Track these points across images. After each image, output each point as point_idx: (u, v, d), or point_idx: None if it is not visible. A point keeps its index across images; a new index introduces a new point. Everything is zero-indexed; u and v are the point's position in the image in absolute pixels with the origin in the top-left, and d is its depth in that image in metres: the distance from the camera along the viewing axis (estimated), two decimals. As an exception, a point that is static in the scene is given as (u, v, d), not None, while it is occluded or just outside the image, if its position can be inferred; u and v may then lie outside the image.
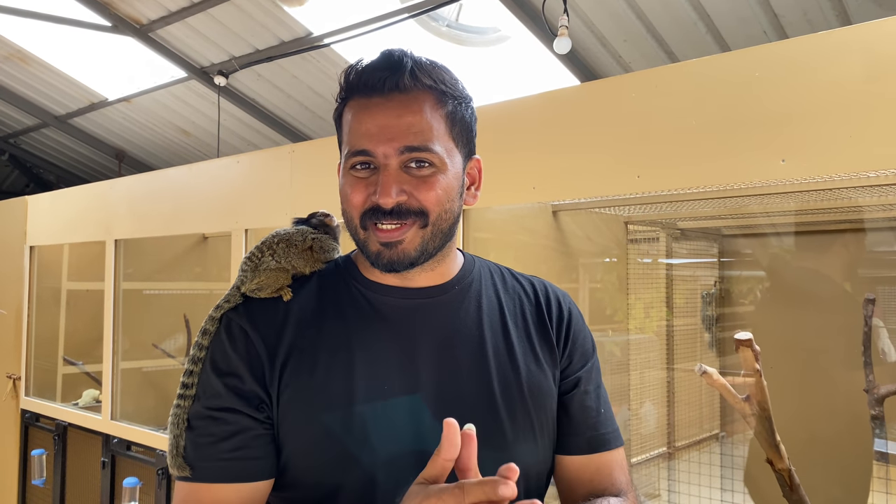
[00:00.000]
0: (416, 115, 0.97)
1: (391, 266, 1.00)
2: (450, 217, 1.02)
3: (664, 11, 3.60)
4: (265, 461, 0.97)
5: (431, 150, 0.97)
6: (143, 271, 3.81)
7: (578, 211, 2.39)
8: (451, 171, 1.01)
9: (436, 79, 1.00)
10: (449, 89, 1.01)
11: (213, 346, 1.04)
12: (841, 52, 1.49)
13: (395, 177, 0.96)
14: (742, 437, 2.92)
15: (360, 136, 0.98)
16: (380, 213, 0.97)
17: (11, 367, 4.08)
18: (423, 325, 1.04)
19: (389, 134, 0.96)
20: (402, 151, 0.96)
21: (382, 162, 0.97)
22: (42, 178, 7.94)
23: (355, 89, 1.01)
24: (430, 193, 0.98)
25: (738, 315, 3.09)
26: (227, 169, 3.03)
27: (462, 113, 1.03)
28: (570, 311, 1.16)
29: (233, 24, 4.46)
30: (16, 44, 5.24)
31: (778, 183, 1.57)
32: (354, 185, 0.99)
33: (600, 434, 1.10)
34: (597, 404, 1.12)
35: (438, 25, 4.19)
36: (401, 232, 0.98)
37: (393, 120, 0.97)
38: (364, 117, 0.99)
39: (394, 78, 0.97)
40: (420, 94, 0.99)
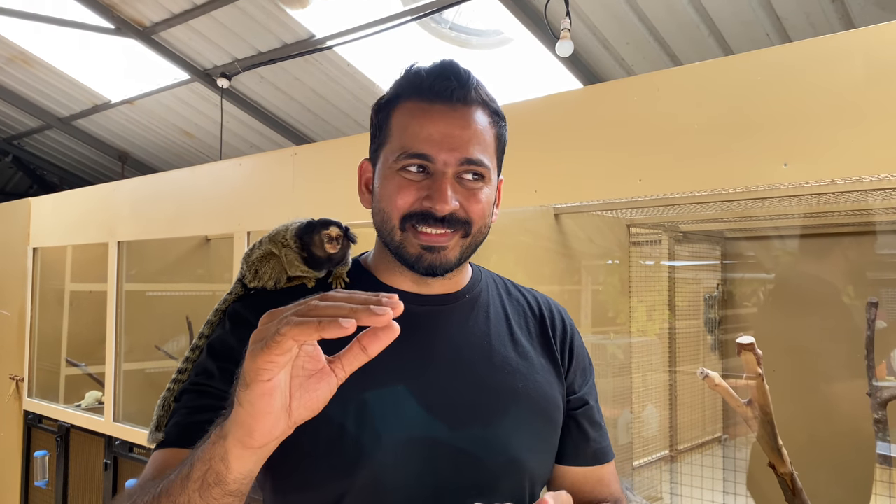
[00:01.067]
0: (478, 129, 1.01)
1: (431, 270, 1.01)
2: (486, 231, 1.06)
3: (667, 14, 3.60)
4: None
5: (486, 165, 1.01)
6: (146, 273, 3.81)
7: (580, 213, 2.39)
8: (493, 186, 1.05)
9: (490, 97, 1.04)
10: (499, 110, 1.06)
11: (215, 332, 1.06)
12: (844, 56, 1.49)
13: (452, 185, 0.99)
14: (744, 441, 2.92)
15: (421, 140, 0.99)
16: (430, 219, 0.98)
17: (14, 368, 4.08)
18: (436, 331, 1.05)
19: (453, 143, 0.98)
20: (462, 162, 0.99)
21: (441, 169, 0.99)
22: (45, 180, 7.95)
23: (416, 91, 1.02)
24: (478, 206, 1.01)
25: (741, 318, 3.09)
26: (229, 171, 3.03)
27: (504, 135, 1.08)
28: (572, 328, 1.19)
29: (235, 26, 4.46)
30: (20, 46, 5.26)
31: (780, 186, 1.57)
32: (404, 187, 1.00)
33: (603, 447, 1.16)
34: (600, 419, 1.17)
35: (441, 28, 4.19)
36: (447, 238, 1.00)
37: (457, 130, 0.99)
38: (425, 122, 1.00)
39: (462, 90, 1.00)
40: (481, 110, 1.02)
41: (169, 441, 0.97)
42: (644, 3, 3.55)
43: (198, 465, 0.77)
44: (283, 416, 0.72)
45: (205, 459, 0.77)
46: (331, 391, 0.74)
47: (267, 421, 0.71)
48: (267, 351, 0.67)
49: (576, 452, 1.13)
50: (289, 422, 0.73)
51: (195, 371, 1.03)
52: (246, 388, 0.70)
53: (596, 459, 1.14)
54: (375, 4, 4.01)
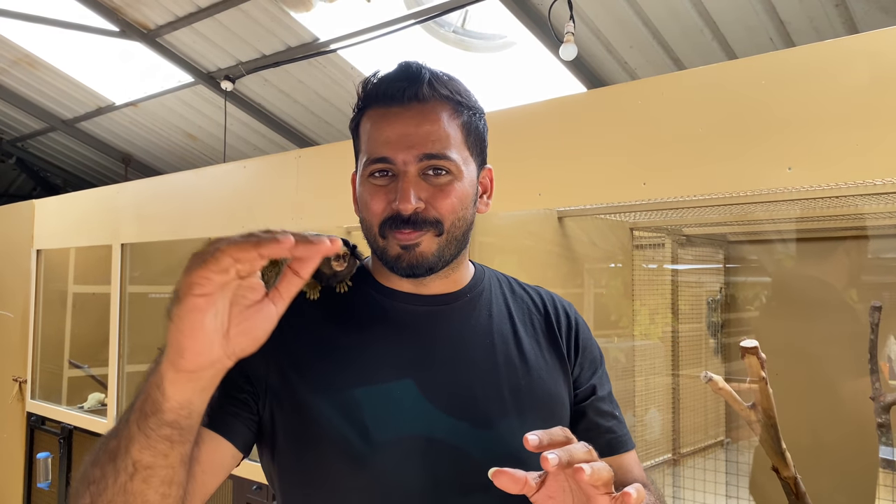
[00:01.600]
0: (434, 123, 1.00)
1: (411, 270, 1.01)
2: (463, 224, 1.04)
3: (670, 18, 3.60)
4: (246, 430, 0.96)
5: (449, 158, 1.00)
6: (149, 275, 3.82)
7: (584, 217, 2.39)
8: (466, 178, 1.03)
9: (452, 90, 1.04)
10: (464, 100, 1.05)
11: None
12: (848, 60, 1.49)
13: (413, 183, 0.99)
14: (747, 444, 2.92)
15: (380, 143, 1.00)
16: (399, 221, 0.99)
17: (17, 370, 4.09)
18: (437, 331, 1.06)
19: (409, 142, 0.99)
20: (421, 159, 0.99)
21: (402, 169, 0.99)
22: (49, 182, 7.97)
23: (374, 99, 1.03)
24: (445, 202, 1.00)
25: (744, 321, 3.09)
26: (233, 174, 3.04)
27: (476, 123, 1.06)
28: (577, 321, 1.18)
29: (240, 29, 4.47)
30: (24, 48, 5.27)
31: (784, 190, 1.57)
32: (374, 193, 1.01)
33: (618, 436, 1.13)
34: (611, 408, 1.15)
35: (444, 32, 4.20)
36: (417, 235, 1.00)
37: (412, 128, 1.00)
38: (383, 126, 1.01)
39: (412, 88, 1.00)
40: (437, 105, 1.02)
41: None
42: (648, 7, 3.55)
43: (138, 397, 0.77)
44: (217, 338, 0.71)
45: (143, 389, 0.76)
46: (270, 321, 0.74)
47: (198, 339, 0.70)
48: (203, 266, 0.66)
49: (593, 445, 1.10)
50: (226, 349, 0.72)
51: None
52: (178, 302, 0.68)
53: (611, 449, 1.12)
54: (379, 8, 4.02)
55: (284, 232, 0.68)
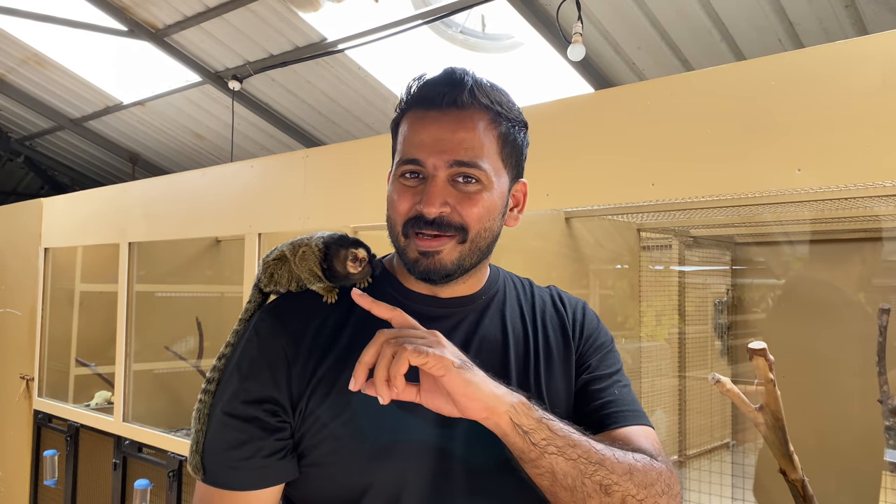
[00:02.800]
0: (469, 131, 1.00)
1: (427, 275, 1.02)
2: (489, 235, 1.04)
3: (678, 19, 3.59)
4: (271, 470, 0.99)
5: (479, 167, 1.00)
6: (156, 274, 3.83)
7: (591, 217, 2.39)
8: (496, 190, 1.03)
9: (493, 99, 1.04)
10: (504, 111, 1.04)
11: (240, 344, 1.06)
12: (857, 62, 1.49)
13: (441, 188, 0.99)
14: (753, 447, 2.91)
15: (413, 146, 1.01)
16: (422, 222, 0.99)
17: (25, 367, 4.10)
18: (451, 333, 1.06)
19: (441, 146, 0.99)
20: (451, 164, 0.99)
21: (431, 173, 1.00)
22: (57, 181, 8.00)
23: (415, 102, 1.04)
24: (472, 210, 1.00)
25: (751, 323, 3.08)
26: (240, 173, 3.04)
27: (515, 135, 1.06)
28: (585, 314, 1.18)
29: (248, 29, 4.48)
30: (33, 47, 5.29)
31: (793, 192, 1.57)
32: (402, 193, 1.02)
33: (612, 412, 1.07)
34: (608, 386, 1.10)
35: (452, 32, 4.20)
36: (439, 243, 1.00)
37: (447, 133, 1.00)
38: (419, 128, 1.02)
39: (452, 94, 1.01)
40: (476, 113, 1.02)
41: (208, 479, 1.00)
42: (656, 7, 3.54)
43: None
44: None
45: None
46: None
47: None
48: None
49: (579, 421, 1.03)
50: None
51: (222, 391, 1.03)
52: None
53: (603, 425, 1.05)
54: (387, 8, 4.02)
55: None
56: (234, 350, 1.06)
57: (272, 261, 1.14)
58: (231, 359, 1.06)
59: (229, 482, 0.98)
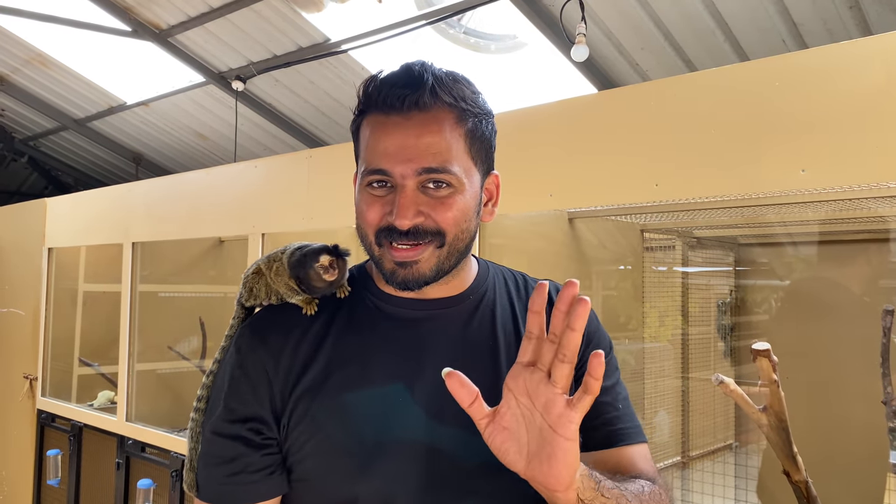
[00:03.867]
0: (435, 135, 0.96)
1: (405, 285, 0.99)
2: (466, 237, 1.01)
3: (682, 20, 3.59)
4: (261, 484, 0.99)
5: (450, 172, 0.96)
6: (160, 274, 3.83)
7: (594, 218, 2.39)
8: (469, 191, 0.99)
9: (456, 96, 0.98)
10: (469, 106, 0.99)
11: (223, 362, 1.06)
12: (862, 62, 1.48)
13: (412, 198, 0.95)
14: (756, 448, 2.90)
15: (378, 154, 0.97)
16: (395, 233, 0.96)
17: (28, 367, 4.11)
18: (437, 335, 1.04)
19: (408, 154, 0.95)
20: (420, 172, 0.95)
21: (400, 182, 0.96)
22: (60, 181, 8.01)
23: (374, 105, 0.99)
24: (447, 214, 0.97)
25: (754, 324, 3.08)
26: (244, 173, 3.05)
27: (482, 129, 1.01)
28: None
29: (251, 29, 4.49)
30: (37, 47, 5.30)
31: (798, 193, 1.56)
32: (370, 203, 0.99)
33: (618, 429, 1.07)
34: (613, 399, 1.09)
35: (455, 32, 4.20)
36: (416, 252, 0.97)
37: (412, 140, 0.95)
38: (382, 136, 0.97)
39: (413, 96, 0.95)
40: (440, 113, 0.97)
41: (202, 495, 1.01)
42: (659, 8, 3.54)
43: None
44: None
45: None
46: None
47: None
48: None
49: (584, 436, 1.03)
50: None
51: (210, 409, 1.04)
52: None
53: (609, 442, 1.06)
54: (390, 9, 4.02)
55: None
56: (220, 368, 1.06)
57: (251, 275, 1.14)
58: (217, 376, 1.06)
59: (222, 497, 0.99)
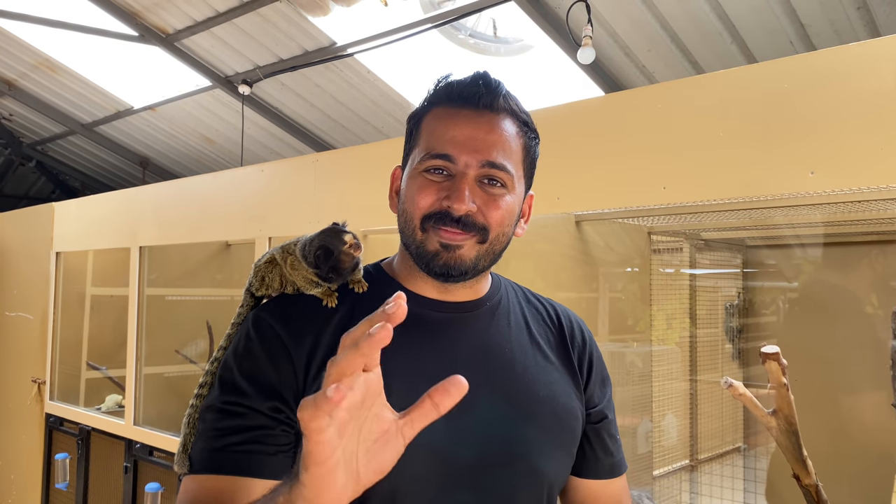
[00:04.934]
0: (502, 134, 1.01)
1: (446, 269, 1.01)
2: (504, 240, 1.05)
3: (689, 22, 3.58)
4: (277, 459, 0.95)
5: (508, 171, 1.01)
6: (167, 278, 3.84)
7: (601, 221, 2.38)
8: (517, 196, 1.04)
9: (521, 110, 1.05)
10: (530, 123, 1.06)
11: (239, 341, 1.03)
12: (870, 64, 1.48)
13: (470, 187, 0.99)
14: (765, 451, 2.89)
15: (445, 141, 1.00)
16: (447, 219, 0.99)
17: (36, 371, 4.12)
18: (458, 337, 1.05)
19: (475, 145, 0.99)
20: (482, 165, 0.99)
21: (462, 170, 0.99)
22: (68, 185, 8.04)
23: (446, 98, 1.04)
24: (496, 212, 1.01)
25: (762, 326, 3.06)
26: (251, 177, 3.05)
27: (534, 149, 1.08)
28: (590, 340, 1.19)
29: (257, 33, 4.50)
30: (45, 53, 5.32)
31: (806, 195, 1.56)
32: (426, 187, 1.01)
33: (618, 460, 1.18)
34: (616, 431, 1.19)
35: (461, 35, 4.20)
36: (463, 237, 0.99)
37: (482, 133, 1.00)
38: (451, 125, 1.01)
39: (489, 97, 1.01)
40: (509, 119, 1.03)
41: (197, 468, 0.96)
42: (666, 10, 3.53)
43: None
44: (349, 486, 0.69)
45: None
46: (398, 452, 0.71)
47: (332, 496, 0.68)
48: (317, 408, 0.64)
49: (595, 466, 1.15)
50: (357, 488, 0.70)
51: (220, 387, 1.00)
52: (306, 470, 0.67)
53: (612, 472, 1.16)
54: (396, 12, 4.03)
55: None
56: (230, 351, 1.03)
57: (263, 265, 1.13)
58: (228, 354, 1.03)
59: (228, 466, 0.93)
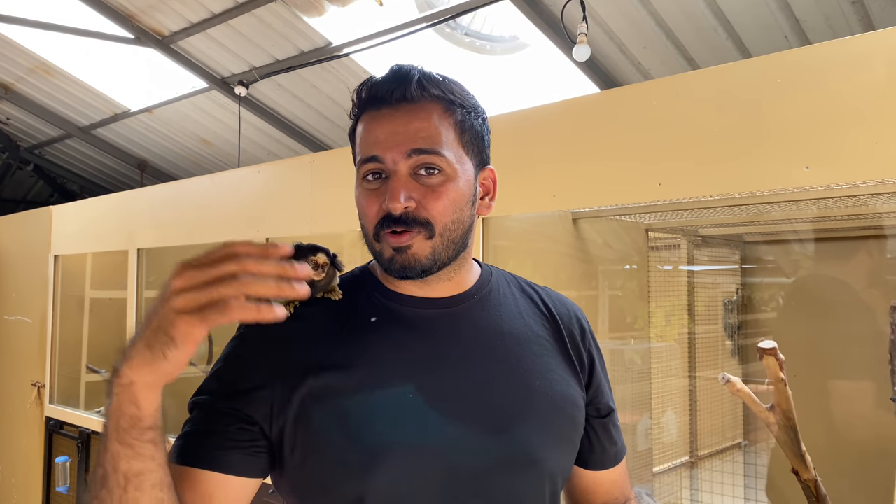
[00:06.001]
0: (423, 121, 0.99)
1: (403, 272, 1.00)
2: (459, 227, 1.01)
3: (684, 18, 3.58)
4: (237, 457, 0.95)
5: (440, 154, 0.98)
6: (165, 280, 3.83)
7: (599, 218, 2.38)
8: (461, 178, 1.01)
9: (444, 89, 1.02)
10: (457, 99, 1.03)
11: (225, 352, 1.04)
12: (865, 58, 1.48)
13: (404, 182, 0.98)
14: (765, 446, 2.89)
15: (370, 143, 1.00)
16: (390, 221, 0.98)
17: (36, 374, 4.12)
18: (445, 334, 1.04)
19: (397, 139, 0.98)
20: (410, 154, 0.98)
21: (391, 168, 0.98)
22: (66, 189, 8.03)
23: (366, 104, 1.03)
24: (437, 203, 0.98)
25: (761, 322, 3.07)
26: (248, 178, 3.05)
27: (472, 122, 1.04)
28: (587, 327, 1.18)
29: (253, 34, 4.49)
30: (41, 56, 5.31)
31: (801, 190, 1.56)
32: (367, 197, 1.01)
33: (619, 448, 1.19)
34: (616, 421, 1.20)
35: (456, 34, 4.20)
36: (408, 237, 0.98)
37: (401, 126, 0.99)
38: (373, 126, 1.01)
39: (401, 89, 1.00)
40: (428, 104, 1.01)
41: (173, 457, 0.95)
42: (661, 7, 3.53)
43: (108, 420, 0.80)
44: None
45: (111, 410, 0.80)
46: None
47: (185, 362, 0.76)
48: None
49: (602, 458, 1.16)
50: None
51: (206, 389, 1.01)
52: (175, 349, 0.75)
53: (616, 460, 1.19)
54: (391, 12, 4.03)
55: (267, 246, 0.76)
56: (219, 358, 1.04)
57: None
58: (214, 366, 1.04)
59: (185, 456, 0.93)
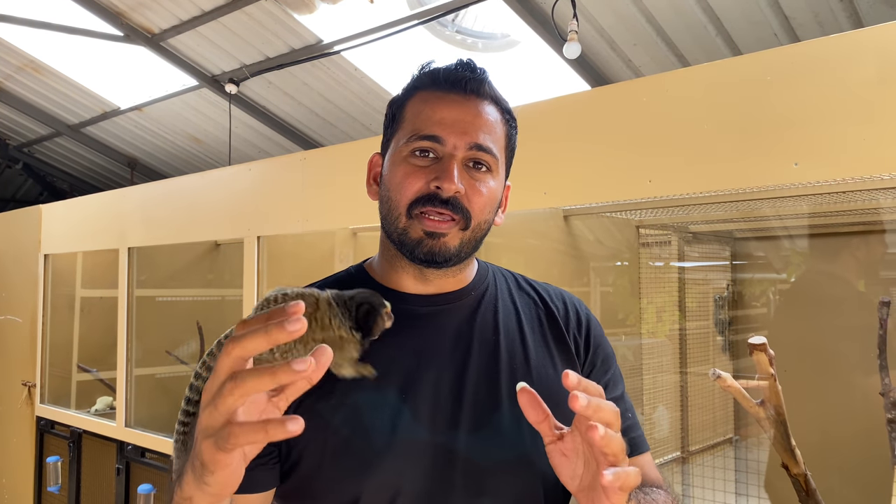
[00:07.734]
0: (488, 119, 1.03)
1: (430, 256, 1.00)
2: (485, 227, 1.04)
3: (674, 15, 3.59)
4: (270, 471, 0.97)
5: (494, 154, 1.02)
6: (156, 278, 3.83)
7: (590, 215, 2.39)
8: (499, 182, 1.05)
9: (503, 99, 1.07)
10: (511, 114, 1.08)
11: None
12: (853, 55, 1.49)
13: (459, 169, 0.99)
14: (756, 442, 2.91)
15: (433, 123, 1.00)
16: (436, 200, 0.98)
17: (26, 374, 4.10)
18: (441, 330, 1.05)
19: (464, 127, 1.00)
20: (471, 147, 1.00)
21: (450, 152, 0.99)
22: (55, 187, 7.99)
23: (431, 82, 1.05)
24: (479, 198, 1.01)
25: (752, 318, 3.08)
26: (238, 176, 3.04)
27: (514, 138, 1.09)
28: (589, 318, 1.16)
29: (243, 32, 4.48)
30: (29, 54, 5.29)
31: (791, 186, 1.57)
32: (412, 173, 1.00)
33: (632, 437, 1.10)
34: (624, 410, 1.10)
35: (447, 31, 4.20)
36: (448, 225, 0.99)
37: (469, 117, 1.01)
38: (439, 107, 1.02)
39: (475, 83, 1.03)
40: (494, 106, 1.05)
41: None
42: (651, 4, 3.54)
43: None
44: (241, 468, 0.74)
45: None
46: None
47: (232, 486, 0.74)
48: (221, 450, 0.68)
49: None
50: (244, 466, 0.75)
51: None
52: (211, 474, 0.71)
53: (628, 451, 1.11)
54: (382, 9, 4.02)
55: None
56: None
57: None
58: None
59: None
